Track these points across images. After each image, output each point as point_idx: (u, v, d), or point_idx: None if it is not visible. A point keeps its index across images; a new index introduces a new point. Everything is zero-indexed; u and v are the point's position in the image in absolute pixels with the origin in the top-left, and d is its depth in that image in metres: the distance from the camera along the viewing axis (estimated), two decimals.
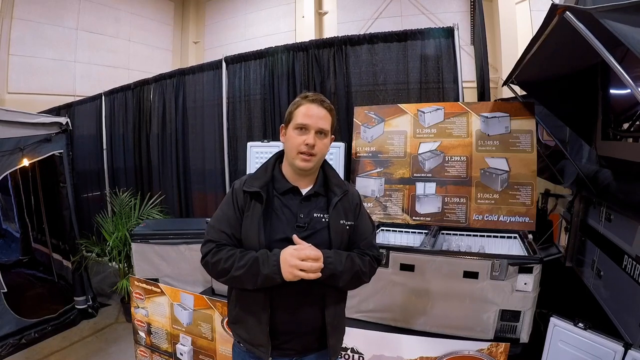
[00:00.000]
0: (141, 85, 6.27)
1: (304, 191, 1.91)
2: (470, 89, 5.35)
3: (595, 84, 3.14)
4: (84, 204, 7.18)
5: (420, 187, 3.56)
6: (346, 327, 2.08)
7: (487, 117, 3.44)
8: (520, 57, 2.66)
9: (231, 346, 3.25)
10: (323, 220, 1.87)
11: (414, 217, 3.56)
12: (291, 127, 1.86)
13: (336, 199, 1.90)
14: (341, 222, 1.89)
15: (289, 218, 1.85)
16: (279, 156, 2.00)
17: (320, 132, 1.85)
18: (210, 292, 3.60)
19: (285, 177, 1.92)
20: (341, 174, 3.80)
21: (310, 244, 1.73)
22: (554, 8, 1.70)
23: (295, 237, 1.75)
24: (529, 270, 2.55)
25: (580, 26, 1.62)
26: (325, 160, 2.01)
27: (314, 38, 9.30)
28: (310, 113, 1.84)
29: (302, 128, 1.83)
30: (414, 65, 4.08)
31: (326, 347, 1.91)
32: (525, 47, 2.51)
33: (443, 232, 3.40)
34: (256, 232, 1.80)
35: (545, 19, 1.85)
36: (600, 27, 1.53)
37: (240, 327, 1.92)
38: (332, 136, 1.96)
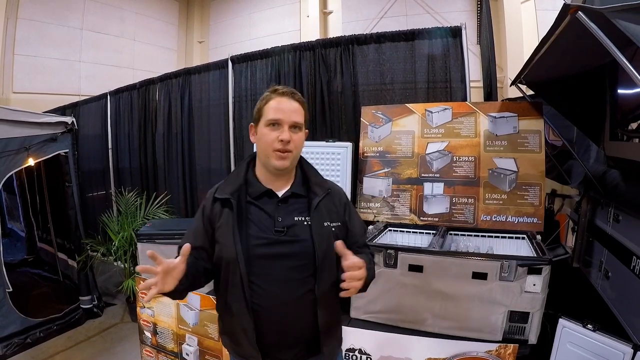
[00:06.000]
0: (147, 84, 6.27)
1: (280, 193, 1.82)
2: (476, 89, 5.33)
3: (603, 84, 3.13)
4: (89, 203, 7.20)
5: (428, 188, 3.55)
6: (354, 328, 2.02)
7: (495, 117, 3.43)
8: (530, 57, 2.64)
9: None
10: (305, 223, 1.77)
11: (421, 218, 3.55)
12: (262, 125, 1.78)
13: (317, 199, 1.80)
14: (325, 224, 1.78)
15: (267, 223, 1.76)
16: (252, 159, 1.93)
17: (294, 127, 1.76)
18: None
19: (259, 180, 1.83)
20: (349, 174, 3.80)
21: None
22: (566, 8, 1.69)
23: (338, 244, 1.64)
24: (538, 271, 2.53)
25: (592, 26, 1.61)
26: (302, 158, 1.93)
27: (318, 37, 9.29)
28: (282, 107, 1.76)
29: (275, 124, 1.74)
30: (421, 65, 4.06)
31: (320, 353, 1.80)
32: (532, 47, 2.50)
33: (451, 232, 3.39)
34: (231, 241, 1.71)
35: (556, 18, 1.84)
36: (611, 27, 1.52)
37: (228, 338, 1.87)
38: (306, 130, 1.87)
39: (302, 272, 1.73)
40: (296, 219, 1.77)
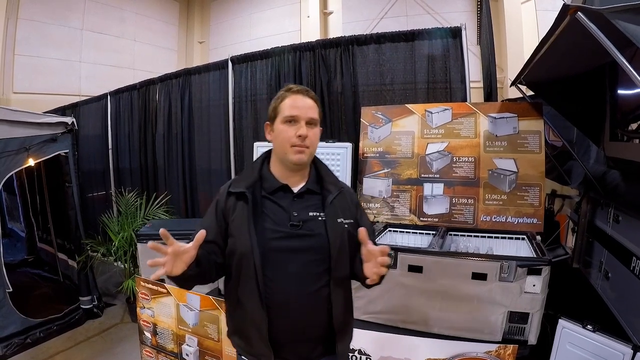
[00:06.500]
0: (147, 85, 6.28)
1: (296, 189, 1.84)
2: (476, 89, 5.33)
3: (603, 85, 3.13)
4: (89, 203, 7.22)
5: (427, 188, 3.55)
6: (354, 329, 2.02)
7: (494, 118, 3.43)
8: (530, 58, 2.65)
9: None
10: (319, 219, 1.79)
11: (421, 218, 3.55)
12: (279, 122, 1.80)
13: (331, 196, 1.83)
14: (339, 220, 1.80)
15: (282, 217, 1.77)
16: (267, 156, 1.95)
17: (310, 123, 1.80)
18: (217, 292, 3.60)
19: (274, 176, 1.85)
20: (349, 174, 3.80)
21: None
22: (565, 8, 1.70)
23: (362, 230, 1.62)
24: (537, 272, 2.53)
25: (592, 26, 1.61)
26: (316, 157, 1.96)
27: (319, 38, 9.29)
28: (298, 104, 1.79)
29: (292, 120, 1.77)
30: (421, 65, 4.06)
31: (334, 353, 1.82)
32: (533, 48, 2.50)
33: (451, 233, 3.38)
34: (247, 234, 1.72)
35: (556, 19, 1.84)
36: (611, 28, 1.52)
37: (240, 338, 1.85)
38: (321, 128, 1.91)
39: (316, 267, 1.74)
40: (311, 214, 1.79)
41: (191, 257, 1.56)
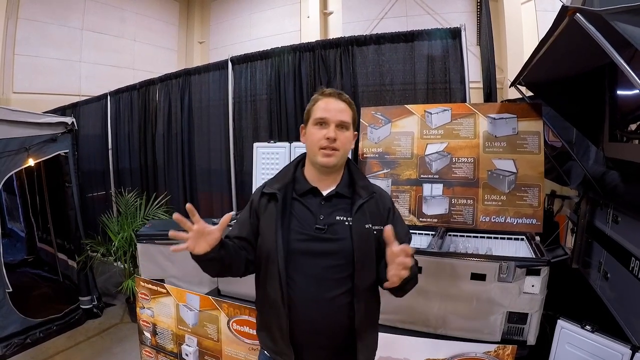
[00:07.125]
0: (147, 85, 6.28)
1: (325, 192, 1.85)
2: (476, 90, 5.33)
3: (603, 86, 3.13)
4: (89, 203, 7.21)
5: (427, 189, 3.54)
6: None
7: (494, 119, 3.42)
8: (529, 59, 2.65)
9: (236, 347, 3.25)
10: (346, 223, 1.78)
11: (420, 219, 3.55)
12: (310, 124, 1.84)
13: (361, 201, 1.81)
14: (366, 226, 1.78)
15: (308, 219, 1.79)
16: (302, 159, 1.97)
17: (341, 126, 1.80)
18: (216, 292, 3.60)
19: (306, 179, 1.87)
20: None
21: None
22: (564, 9, 1.70)
23: (387, 228, 1.56)
24: (536, 272, 2.53)
25: (590, 27, 1.61)
26: (350, 160, 1.96)
27: (319, 38, 9.30)
28: (329, 107, 1.81)
29: (322, 123, 1.79)
30: (420, 66, 4.06)
31: None
32: (532, 48, 2.50)
33: (450, 233, 3.38)
34: (273, 234, 1.75)
35: (555, 20, 1.84)
36: (610, 29, 1.52)
37: (265, 335, 1.86)
38: (355, 132, 1.91)
39: (339, 272, 1.74)
40: (338, 218, 1.79)
41: (215, 239, 1.63)
